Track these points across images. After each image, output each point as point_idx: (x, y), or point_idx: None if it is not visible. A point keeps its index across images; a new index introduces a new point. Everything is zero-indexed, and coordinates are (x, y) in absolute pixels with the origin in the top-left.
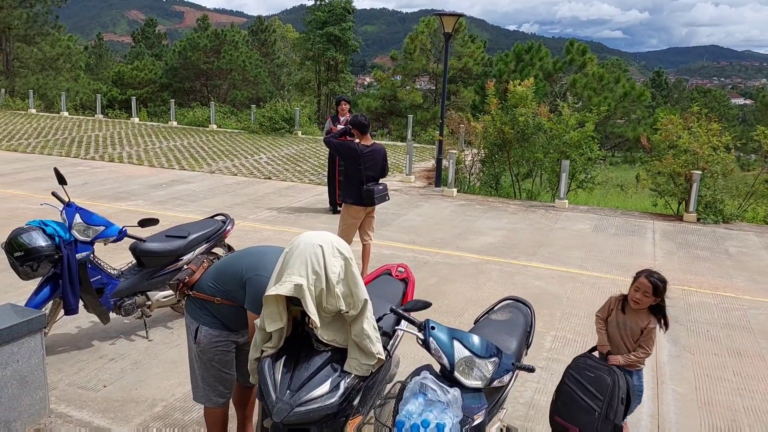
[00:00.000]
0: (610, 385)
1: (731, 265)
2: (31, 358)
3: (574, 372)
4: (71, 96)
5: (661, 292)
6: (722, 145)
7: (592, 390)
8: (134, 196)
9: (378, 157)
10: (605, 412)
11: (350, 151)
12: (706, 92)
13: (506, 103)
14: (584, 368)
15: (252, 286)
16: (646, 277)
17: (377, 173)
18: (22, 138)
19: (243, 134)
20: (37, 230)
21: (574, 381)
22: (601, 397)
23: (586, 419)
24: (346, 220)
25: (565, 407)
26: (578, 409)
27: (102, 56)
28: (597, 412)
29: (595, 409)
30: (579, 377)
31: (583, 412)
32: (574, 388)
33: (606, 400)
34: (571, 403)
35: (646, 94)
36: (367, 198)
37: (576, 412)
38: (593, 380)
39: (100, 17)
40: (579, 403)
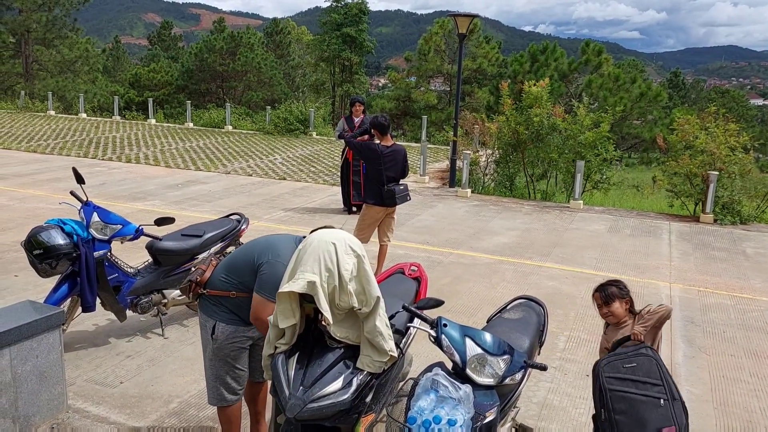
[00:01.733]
0: (656, 362)
1: (748, 266)
2: (49, 353)
3: (611, 372)
4: (89, 98)
5: (615, 297)
6: (740, 145)
7: (643, 379)
8: (151, 196)
9: (398, 158)
10: (670, 393)
11: (371, 151)
12: (724, 93)
13: (521, 104)
14: (618, 363)
15: (263, 269)
16: (595, 292)
17: (398, 174)
18: (41, 139)
19: (258, 135)
20: (55, 229)
21: (619, 383)
22: (657, 381)
23: (659, 414)
24: (365, 220)
25: (630, 418)
26: (644, 409)
27: (119, 59)
28: (663, 398)
29: (659, 396)
30: (620, 375)
31: (653, 408)
32: (624, 388)
33: (663, 380)
34: (632, 408)
35: (663, 95)
36: (389, 198)
37: (644, 413)
38: (637, 368)
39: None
40: (641, 402)
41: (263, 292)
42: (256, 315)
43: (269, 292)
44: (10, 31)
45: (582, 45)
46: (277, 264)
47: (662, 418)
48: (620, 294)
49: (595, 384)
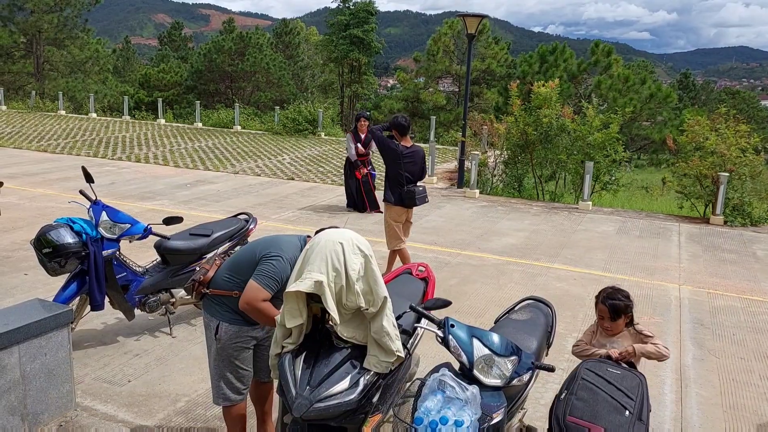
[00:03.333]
0: (640, 383)
1: (759, 268)
2: (58, 352)
3: (593, 369)
4: (99, 98)
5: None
6: (751, 146)
7: (620, 387)
8: (159, 196)
9: (417, 159)
10: (638, 412)
11: (391, 151)
12: (734, 94)
13: (530, 105)
14: (605, 365)
15: (263, 261)
16: (601, 303)
17: (416, 175)
18: (52, 139)
19: (266, 135)
20: (65, 227)
21: (594, 377)
22: (633, 396)
23: (615, 419)
24: (388, 221)
25: (587, 405)
26: (605, 407)
27: (129, 59)
28: (629, 411)
29: (626, 408)
30: (601, 373)
31: (613, 411)
32: (596, 383)
33: (638, 399)
34: (594, 400)
35: (673, 96)
36: (408, 199)
37: (602, 410)
38: (620, 377)
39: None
40: (606, 400)
41: (258, 279)
42: (246, 299)
43: (264, 280)
44: (22, 32)
45: (591, 46)
46: (277, 257)
47: (618, 424)
48: (626, 309)
49: (573, 372)
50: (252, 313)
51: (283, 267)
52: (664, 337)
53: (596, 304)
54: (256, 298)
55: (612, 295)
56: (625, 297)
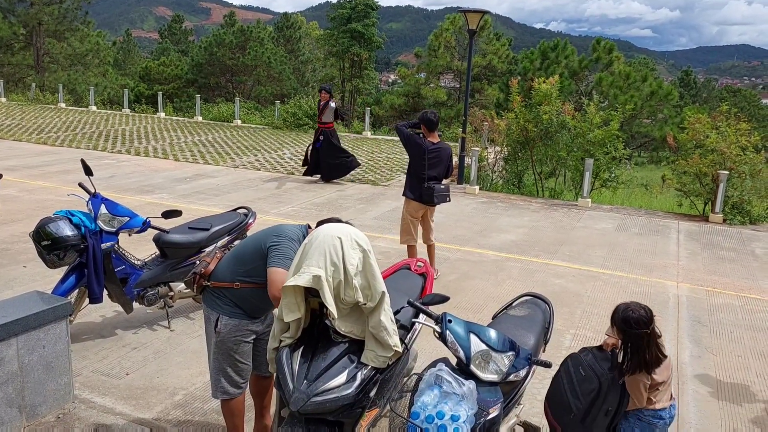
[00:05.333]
0: (594, 389)
1: (757, 266)
2: (56, 344)
3: (571, 363)
4: (99, 91)
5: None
6: (751, 145)
7: (576, 389)
8: (159, 189)
9: (443, 157)
10: (582, 416)
11: (416, 146)
12: (735, 92)
13: (530, 101)
14: (579, 364)
15: (273, 248)
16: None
17: (440, 173)
18: (51, 131)
19: (267, 130)
20: (64, 220)
21: (565, 372)
22: (582, 400)
23: (564, 417)
24: (404, 217)
25: (552, 396)
26: (560, 402)
27: (130, 52)
28: (573, 413)
29: (572, 409)
30: (572, 370)
31: (563, 409)
32: (564, 379)
33: (585, 404)
34: (555, 393)
35: (674, 94)
36: (427, 196)
37: (558, 405)
38: (582, 379)
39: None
40: (561, 396)
41: (281, 263)
42: (279, 287)
43: (285, 262)
44: (22, 23)
45: (593, 43)
46: (286, 239)
47: (563, 421)
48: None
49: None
50: None
51: (293, 246)
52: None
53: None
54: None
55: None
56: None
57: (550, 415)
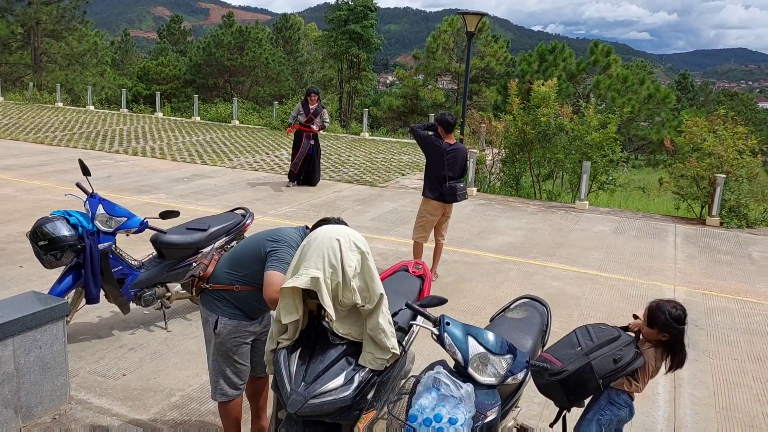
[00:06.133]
0: (614, 335)
1: (754, 270)
2: (53, 344)
3: (590, 327)
4: (97, 90)
5: (660, 326)
6: (748, 148)
7: (592, 335)
8: (156, 190)
9: (459, 157)
10: (588, 350)
11: (434, 148)
12: (732, 95)
13: (528, 103)
14: (601, 326)
15: (273, 253)
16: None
17: (456, 173)
18: (49, 131)
19: (265, 130)
20: (61, 220)
21: (584, 331)
22: (595, 340)
23: (565, 351)
24: (423, 216)
25: (559, 345)
26: (566, 344)
27: (128, 52)
28: (580, 347)
29: (580, 344)
30: (590, 328)
31: (569, 346)
32: (578, 333)
33: (597, 343)
34: (564, 341)
35: (671, 97)
36: (450, 195)
37: (563, 347)
38: (601, 331)
39: (126, 13)
40: (571, 341)
41: (278, 267)
42: (276, 290)
43: (283, 267)
44: (20, 23)
45: (591, 45)
46: (285, 243)
47: (563, 354)
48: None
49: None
50: None
51: (291, 251)
52: None
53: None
54: None
55: (660, 305)
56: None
57: (550, 355)
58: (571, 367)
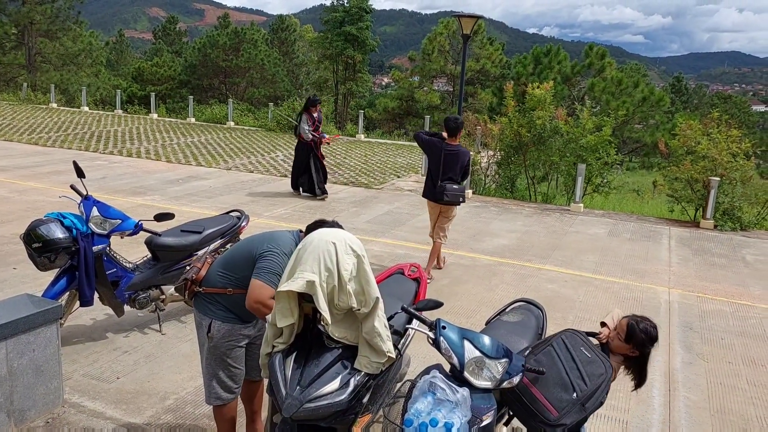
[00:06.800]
0: (603, 374)
1: (748, 273)
2: (46, 348)
3: (568, 342)
4: (92, 91)
5: (637, 343)
6: (742, 151)
7: (581, 369)
8: (151, 191)
9: (457, 159)
10: (584, 399)
11: (433, 146)
12: (726, 98)
13: (524, 106)
14: (582, 344)
15: (262, 258)
16: (627, 318)
17: (455, 174)
18: (43, 132)
19: (260, 132)
20: (55, 222)
21: (563, 350)
22: (588, 383)
23: (559, 395)
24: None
25: (547, 380)
26: (557, 380)
27: (123, 52)
28: (576, 394)
29: (575, 389)
30: (571, 349)
31: (560, 387)
32: (562, 356)
33: (592, 388)
34: (549, 369)
35: (666, 100)
36: (439, 194)
37: (551, 381)
38: (588, 362)
39: (121, 14)
40: (560, 374)
41: (262, 277)
42: (254, 298)
43: (268, 277)
44: (13, 22)
45: (585, 48)
46: (275, 251)
47: (557, 399)
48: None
49: (550, 336)
50: (260, 311)
51: (282, 261)
52: None
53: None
54: (264, 296)
55: (642, 322)
56: (647, 333)
57: (542, 396)
58: (569, 420)
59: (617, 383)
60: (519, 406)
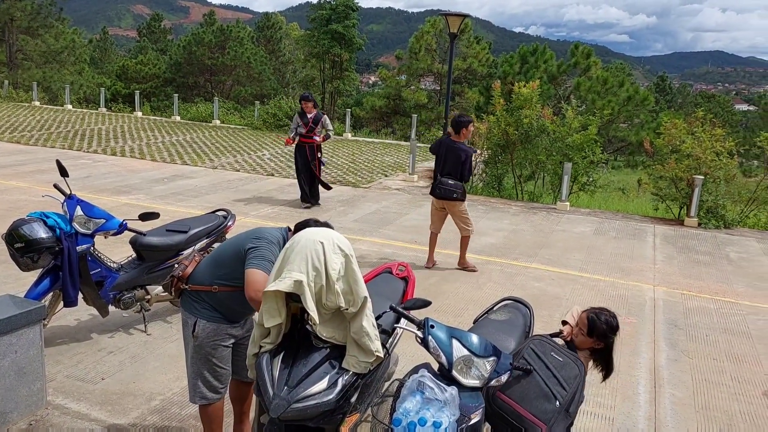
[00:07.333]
0: (578, 375)
1: (731, 270)
2: (29, 349)
3: (537, 350)
4: (75, 89)
5: (600, 335)
6: (725, 150)
7: (557, 375)
8: (136, 190)
9: (457, 156)
10: (566, 404)
11: (440, 144)
12: (710, 97)
13: (511, 105)
14: (551, 350)
15: (252, 250)
16: (586, 312)
17: (455, 171)
18: (25, 130)
19: (246, 130)
20: (38, 222)
21: (535, 359)
22: (567, 388)
23: (543, 406)
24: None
25: (519, 386)
26: (537, 392)
27: (107, 50)
28: (559, 401)
29: (557, 397)
30: (543, 356)
31: (542, 398)
32: (536, 366)
33: (571, 391)
34: (527, 382)
35: (650, 99)
36: (435, 188)
37: (532, 394)
38: (561, 365)
39: (105, 11)
40: (539, 385)
41: (258, 265)
42: (254, 288)
43: (264, 264)
44: None
45: (571, 47)
46: (265, 240)
47: (542, 411)
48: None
49: (517, 348)
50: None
51: (274, 249)
52: (638, 338)
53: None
54: (264, 284)
55: (602, 314)
56: (608, 324)
57: (527, 412)
58: (558, 430)
59: (599, 380)
60: (507, 427)
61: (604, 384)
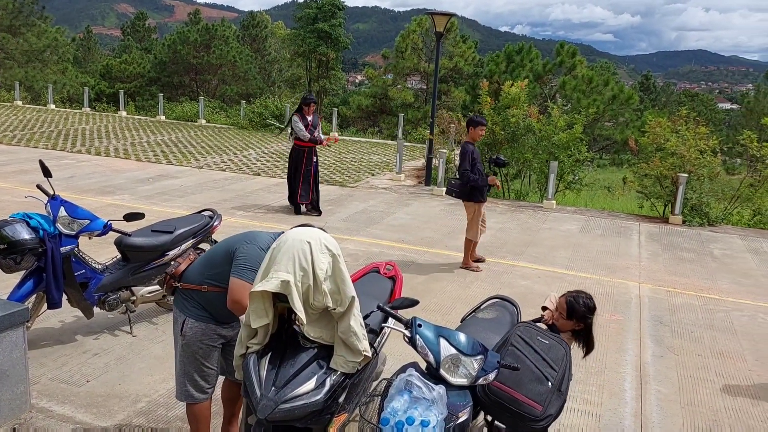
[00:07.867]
0: (564, 354)
1: (715, 267)
2: (12, 352)
3: (524, 335)
4: (58, 88)
5: (579, 317)
6: (709, 148)
7: (546, 358)
8: (120, 191)
9: (463, 153)
10: (557, 384)
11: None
12: (693, 96)
13: (498, 104)
14: (535, 333)
15: (239, 254)
16: (564, 296)
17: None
18: (8, 130)
19: (232, 130)
20: (21, 223)
21: (523, 344)
22: (556, 368)
23: (537, 389)
24: None
25: (511, 372)
26: (529, 376)
27: (90, 49)
28: (551, 382)
29: (548, 378)
30: (530, 341)
31: (535, 381)
32: (524, 351)
33: (561, 371)
34: (522, 372)
35: (635, 98)
36: (448, 186)
37: (525, 379)
38: (548, 348)
39: (88, 10)
40: (530, 369)
41: (241, 274)
42: (235, 298)
43: (246, 274)
44: None
45: (556, 47)
46: (252, 246)
47: (537, 393)
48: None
49: (504, 336)
50: (241, 311)
51: (261, 255)
52: (624, 334)
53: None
54: (243, 295)
55: (580, 297)
56: (586, 306)
57: (523, 396)
58: (554, 409)
59: (586, 377)
60: (505, 413)
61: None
